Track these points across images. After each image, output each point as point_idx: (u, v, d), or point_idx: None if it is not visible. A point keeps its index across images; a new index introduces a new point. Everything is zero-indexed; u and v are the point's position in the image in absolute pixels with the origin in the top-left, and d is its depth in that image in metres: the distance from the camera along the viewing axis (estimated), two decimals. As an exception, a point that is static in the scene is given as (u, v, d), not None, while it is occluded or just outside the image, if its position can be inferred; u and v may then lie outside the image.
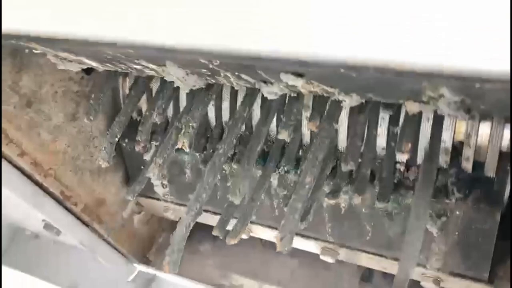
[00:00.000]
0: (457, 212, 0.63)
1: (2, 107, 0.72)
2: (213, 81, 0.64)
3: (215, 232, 0.68)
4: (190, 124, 0.69)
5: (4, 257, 1.16)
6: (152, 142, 0.83)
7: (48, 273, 1.13)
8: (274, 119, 0.73)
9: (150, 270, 1.05)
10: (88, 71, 0.82)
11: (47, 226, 0.94)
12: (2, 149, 0.74)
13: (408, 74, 0.37)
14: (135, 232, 1.04)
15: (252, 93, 0.68)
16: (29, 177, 0.79)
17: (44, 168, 0.81)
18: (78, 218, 0.91)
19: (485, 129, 0.60)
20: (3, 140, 0.74)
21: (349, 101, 0.55)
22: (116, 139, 0.73)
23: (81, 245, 0.96)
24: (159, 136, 0.83)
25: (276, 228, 0.83)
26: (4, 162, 0.76)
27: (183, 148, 0.69)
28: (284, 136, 0.63)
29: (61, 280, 1.12)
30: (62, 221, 0.89)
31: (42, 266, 1.15)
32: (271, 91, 0.58)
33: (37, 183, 0.81)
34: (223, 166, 0.78)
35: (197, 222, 0.72)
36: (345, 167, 0.65)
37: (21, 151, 0.77)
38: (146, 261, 1.05)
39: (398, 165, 0.67)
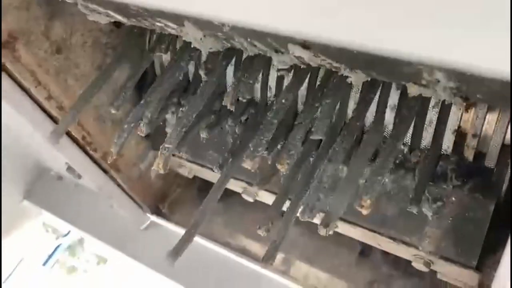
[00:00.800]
0: (453, 198, 0.64)
1: (34, 50, 0.77)
2: (229, 45, 0.66)
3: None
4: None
5: (29, 194, 1.24)
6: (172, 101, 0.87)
7: (67, 214, 1.21)
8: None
9: (162, 221, 1.10)
10: (118, 24, 0.86)
11: (70, 169, 1.00)
12: (32, 91, 0.79)
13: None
14: (150, 184, 1.09)
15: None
16: (54, 120, 0.84)
17: (69, 113, 0.85)
18: (98, 164, 0.96)
19: (491, 119, 0.60)
20: (32, 82, 0.78)
21: (355, 78, 0.56)
22: (129, 87, 0.76)
23: (99, 190, 1.02)
24: (179, 96, 0.86)
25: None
26: (32, 104, 0.81)
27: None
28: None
29: (78, 221, 1.19)
30: (82, 165, 0.94)
31: (63, 206, 1.22)
32: (282, 60, 0.60)
33: (61, 126, 0.86)
34: (235, 130, 0.81)
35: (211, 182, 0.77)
36: (347, 142, 0.67)
37: (48, 95, 0.81)
38: (158, 213, 1.11)
39: (402, 146, 0.68)
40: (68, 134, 0.88)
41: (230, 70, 0.80)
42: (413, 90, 0.51)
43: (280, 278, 1.00)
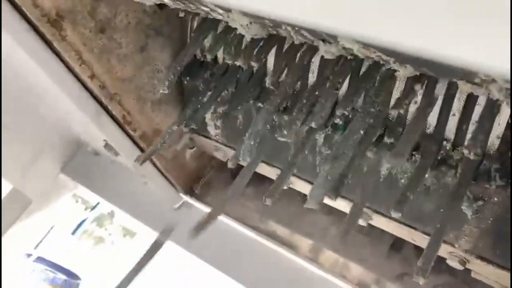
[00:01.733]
0: (495, 199, 0.63)
1: (80, 30, 0.78)
2: (275, 32, 0.66)
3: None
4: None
5: (65, 168, 1.27)
6: (211, 84, 0.87)
7: (102, 189, 1.24)
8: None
9: (194, 202, 1.12)
10: (161, 6, 0.86)
11: (107, 146, 1.02)
12: (76, 69, 0.81)
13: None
14: (185, 165, 1.11)
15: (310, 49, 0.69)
16: (95, 98, 0.86)
17: (110, 92, 0.87)
18: (135, 143, 0.98)
19: (541, 121, 0.59)
20: (77, 60, 0.80)
21: (403, 72, 0.55)
22: (178, 69, 0.77)
23: (134, 168, 1.04)
24: (218, 79, 0.86)
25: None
26: (76, 82, 0.83)
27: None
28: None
29: (111, 196, 1.22)
30: (120, 143, 0.96)
31: (98, 181, 1.25)
32: (329, 51, 0.59)
33: (102, 105, 0.87)
34: (273, 117, 0.81)
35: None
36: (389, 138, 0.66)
37: (91, 74, 0.83)
38: (192, 193, 1.12)
39: (444, 142, 0.66)
40: (109, 113, 0.89)
41: (270, 56, 0.79)
42: (464, 88, 0.50)
43: (307, 264, 1.00)
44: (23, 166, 1.20)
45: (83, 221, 3.90)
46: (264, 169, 0.94)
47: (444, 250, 0.74)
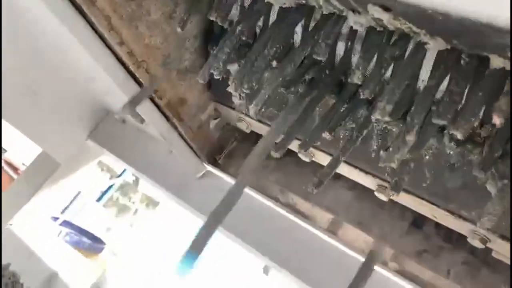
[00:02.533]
0: (521, 178, 0.62)
1: (110, -4, 0.79)
2: (304, 1, 0.65)
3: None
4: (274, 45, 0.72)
5: (92, 135, 1.30)
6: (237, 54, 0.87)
7: (127, 156, 1.26)
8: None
9: (217, 172, 1.13)
10: (190, -26, 0.86)
11: (134, 114, 1.04)
12: (105, 35, 0.81)
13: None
14: (209, 135, 1.12)
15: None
16: (123, 64, 0.87)
17: (138, 60, 0.88)
18: (161, 111, 0.99)
19: None
20: (106, 26, 0.81)
21: (434, 44, 0.54)
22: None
23: (160, 136, 1.05)
24: (244, 52, 0.86)
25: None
26: (105, 48, 0.84)
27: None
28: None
29: (136, 163, 1.24)
30: (146, 111, 0.97)
31: (124, 149, 1.28)
32: (358, 21, 0.58)
33: (129, 72, 0.88)
34: (298, 89, 0.80)
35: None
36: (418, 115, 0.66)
37: (120, 40, 0.83)
38: (215, 163, 1.14)
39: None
40: (136, 80, 0.90)
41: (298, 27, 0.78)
42: (496, 62, 0.49)
43: (326, 237, 1.01)
44: (52, 130, 1.23)
45: (108, 189, 4.01)
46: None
47: (465, 228, 0.74)
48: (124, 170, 3.65)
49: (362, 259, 0.95)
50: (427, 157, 0.72)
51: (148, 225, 3.70)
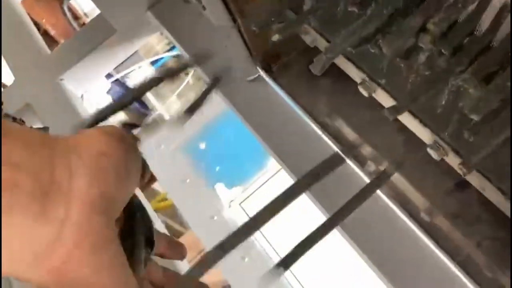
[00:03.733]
0: None
1: None
2: None
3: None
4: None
5: (153, 8, 1.25)
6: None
7: (183, 38, 1.22)
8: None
9: (269, 79, 1.08)
10: None
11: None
12: None
13: None
14: (268, 40, 1.04)
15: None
16: None
17: None
18: (225, 3, 0.92)
19: None
20: None
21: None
22: None
23: (218, 27, 0.99)
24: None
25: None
26: None
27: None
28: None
29: (190, 49, 1.20)
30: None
31: (181, 29, 1.23)
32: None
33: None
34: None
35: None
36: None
37: None
38: (268, 70, 1.08)
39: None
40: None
41: None
42: None
43: (361, 172, 0.97)
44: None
45: (163, 58, 4.02)
46: (350, 69, 0.87)
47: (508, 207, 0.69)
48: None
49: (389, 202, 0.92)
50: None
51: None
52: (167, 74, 0.62)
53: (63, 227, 0.35)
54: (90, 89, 1.30)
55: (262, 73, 1.07)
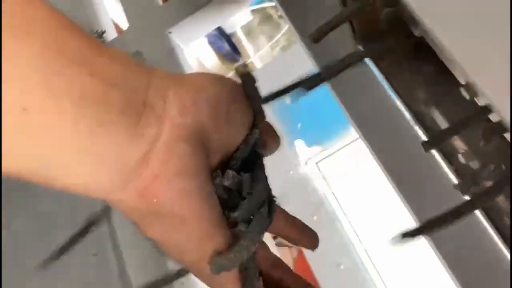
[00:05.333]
0: None
1: None
2: None
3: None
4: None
5: None
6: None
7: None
8: None
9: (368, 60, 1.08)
10: None
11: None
12: None
13: None
14: (375, 17, 1.04)
15: None
16: None
17: None
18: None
19: None
20: None
21: None
22: None
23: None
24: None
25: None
26: None
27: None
28: None
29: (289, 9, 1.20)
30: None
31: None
32: None
33: None
34: None
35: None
36: None
37: None
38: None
39: None
40: None
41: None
42: None
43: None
44: None
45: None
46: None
47: None
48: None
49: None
50: None
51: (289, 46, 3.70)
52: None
53: (153, 147, 0.35)
54: (194, 43, 1.36)
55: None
